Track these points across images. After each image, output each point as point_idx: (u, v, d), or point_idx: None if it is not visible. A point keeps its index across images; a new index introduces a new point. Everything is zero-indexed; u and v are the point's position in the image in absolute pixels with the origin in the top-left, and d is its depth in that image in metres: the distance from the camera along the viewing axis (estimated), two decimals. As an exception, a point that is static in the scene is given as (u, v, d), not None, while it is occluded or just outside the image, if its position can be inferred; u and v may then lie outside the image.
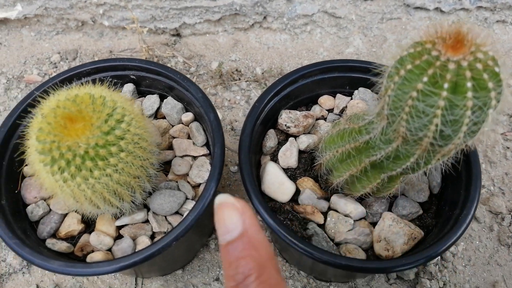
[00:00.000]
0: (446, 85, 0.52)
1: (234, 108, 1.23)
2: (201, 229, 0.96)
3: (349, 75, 0.90)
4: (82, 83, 0.73)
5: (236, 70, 1.28)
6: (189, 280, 1.03)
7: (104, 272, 0.66)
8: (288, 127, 0.85)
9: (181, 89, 0.86)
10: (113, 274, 1.05)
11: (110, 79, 0.87)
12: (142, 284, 1.04)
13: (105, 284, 1.04)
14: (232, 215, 0.48)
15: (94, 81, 0.85)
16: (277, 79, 0.87)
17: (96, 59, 1.31)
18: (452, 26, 0.54)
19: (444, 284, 1.00)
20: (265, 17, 1.30)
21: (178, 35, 1.34)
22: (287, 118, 0.86)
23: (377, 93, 0.90)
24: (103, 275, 1.01)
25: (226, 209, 0.48)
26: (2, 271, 1.04)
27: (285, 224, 0.75)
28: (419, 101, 0.55)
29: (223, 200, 0.49)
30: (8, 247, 0.70)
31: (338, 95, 0.92)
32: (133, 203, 0.76)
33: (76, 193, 0.65)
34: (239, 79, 1.26)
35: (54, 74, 1.28)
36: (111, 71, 0.87)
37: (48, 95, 0.85)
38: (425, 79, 0.54)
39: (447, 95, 0.52)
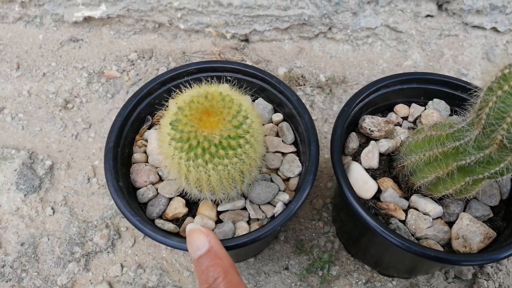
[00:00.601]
0: (550, 101, 0.60)
1: (299, 111, 1.32)
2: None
3: (425, 87, 0.98)
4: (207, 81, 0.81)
5: (301, 76, 1.36)
6: (260, 268, 1.11)
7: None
8: (372, 131, 0.94)
9: (274, 91, 0.95)
10: (190, 259, 1.14)
11: (209, 79, 0.95)
12: (216, 269, 1.12)
13: (183, 267, 1.12)
14: (200, 236, 0.66)
15: (197, 80, 0.94)
16: (362, 86, 0.96)
17: (170, 59, 1.40)
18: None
19: (499, 285, 1.07)
20: (330, 28, 1.39)
21: (247, 40, 1.43)
22: (370, 123, 0.94)
23: (450, 105, 0.99)
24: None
25: (195, 233, 0.67)
26: (89, 249, 1.13)
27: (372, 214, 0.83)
28: (522, 113, 0.63)
29: (192, 227, 0.69)
30: (131, 224, 0.79)
31: (413, 105, 1.01)
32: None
33: (203, 178, 0.74)
34: (304, 84, 1.35)
35: (131, 71, 1.37)
36: (211, 72, 0.96)
37: (156, 91, 0.95)
38: (529, 94, 0.62)
39: (550, 109, 0.60)
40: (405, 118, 1.02)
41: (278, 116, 0.97)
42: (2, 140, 1.26)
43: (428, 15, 1.37)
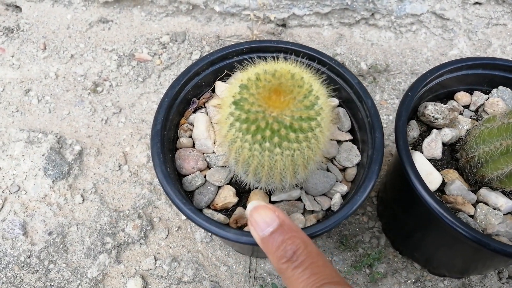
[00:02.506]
0: None
1: (340, 100, 1.25)
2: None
3: (491, 73, 0.92)
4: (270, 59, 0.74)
5: (342, 63, 1.30)
6: (303, 264, 1.05)
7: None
8: (436, 119, 0.87)
9: (331, 74, 0.88)
10: (227, 252, 1.08)
11: (260, 60, 0.88)
12: (256, 263, 1.06)
13: (219, 261, 1.06)
14: (268, 212, 0.59)
15: (248, 61, 0.87)
16: (425, 71, 0.89)
17: (204, 42, 1.33)
18: None
19: (558, 287, 1.01)
20: (373, 14, 1.32)
21: (284, 25, 1.36)
22: (434, 110, 0.88)
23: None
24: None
25: (261, 209, 0.60)
26: (121, 240, 1.07)
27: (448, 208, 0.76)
28: None
29: (256, 204, 0.61)
30: (183, 214, 0.73)
31: (476, 92, 0.94)
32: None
33: (266, 164, 0.67)
34: (345, 72, 1.28)
35: (163, 55, 1.31)
36: (263, 52, 0.89)
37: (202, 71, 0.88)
38: None
39: None
40: (466, 107, 0.95)
41: (333, 102, 0.90)
42: (28, 123, 1.20)
43: (476, 3, 1.30)
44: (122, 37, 1.34)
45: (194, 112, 0.90)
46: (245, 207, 0.81)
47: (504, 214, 0.81)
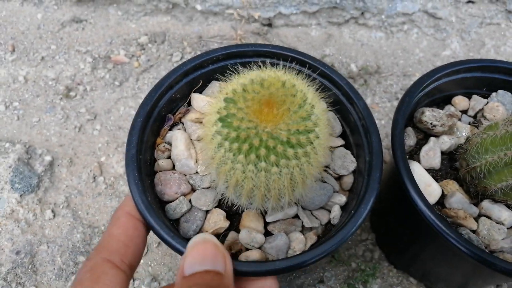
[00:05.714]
0: None
1: (329, 104, 1.19)
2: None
3: (491, 76, 0.87)
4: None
5: (331, 65, 1.24)
6: (292, 281, 0.98)
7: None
8: (434, 126, 0.82)
9: (317, 76, 0.82)
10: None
11: (239, 66, 0.81)
12: (243, 281, 0.99)
13: (204, 279, 0.98)
14: (217, 253, 0.52)
15: (225, 68, 0.79)
16: (422, 74, 0.83)
17: (185, 43, 1.25)
18: None
19: (559, 299, 0.97)
20: (363, 13, 1.27)
21: (270, 25, 1.30)
22: (431, 116, 0.82)
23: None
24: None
25: (212, 247, 0.53)
26: (97, 259, 0.98)
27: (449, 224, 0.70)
28: None
29: (208, 237, 0.55)
30: (172, 249, 0.64)
31: (474, 96, 0.89)
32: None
33: (262, 185, 0.60)
34: (334, 74, 1.22)
35: (142, 56, 1.22)
36: (241, 58, 0.82)
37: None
38: None
39: None
40: (464, 112, 0.90)
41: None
42: (-6, 132, 1.10)
43: (469, 1, 1.26)
44: (97, 38, 1.25)
45: (170, 129, 0.82)
46: (237, 231, 0.73)
47: (507, 228, 0.76)
